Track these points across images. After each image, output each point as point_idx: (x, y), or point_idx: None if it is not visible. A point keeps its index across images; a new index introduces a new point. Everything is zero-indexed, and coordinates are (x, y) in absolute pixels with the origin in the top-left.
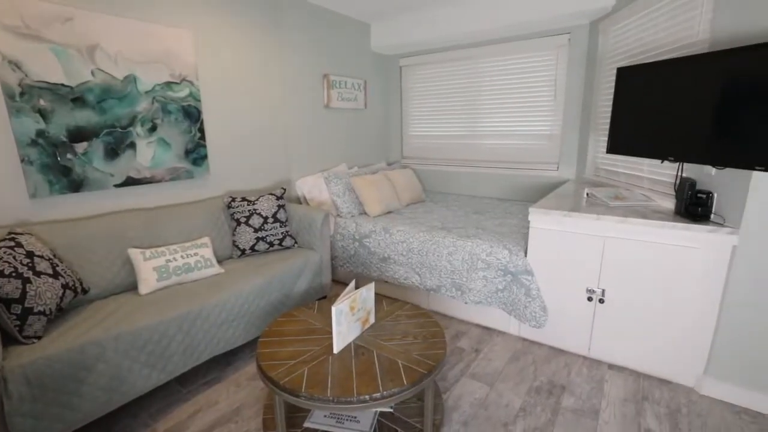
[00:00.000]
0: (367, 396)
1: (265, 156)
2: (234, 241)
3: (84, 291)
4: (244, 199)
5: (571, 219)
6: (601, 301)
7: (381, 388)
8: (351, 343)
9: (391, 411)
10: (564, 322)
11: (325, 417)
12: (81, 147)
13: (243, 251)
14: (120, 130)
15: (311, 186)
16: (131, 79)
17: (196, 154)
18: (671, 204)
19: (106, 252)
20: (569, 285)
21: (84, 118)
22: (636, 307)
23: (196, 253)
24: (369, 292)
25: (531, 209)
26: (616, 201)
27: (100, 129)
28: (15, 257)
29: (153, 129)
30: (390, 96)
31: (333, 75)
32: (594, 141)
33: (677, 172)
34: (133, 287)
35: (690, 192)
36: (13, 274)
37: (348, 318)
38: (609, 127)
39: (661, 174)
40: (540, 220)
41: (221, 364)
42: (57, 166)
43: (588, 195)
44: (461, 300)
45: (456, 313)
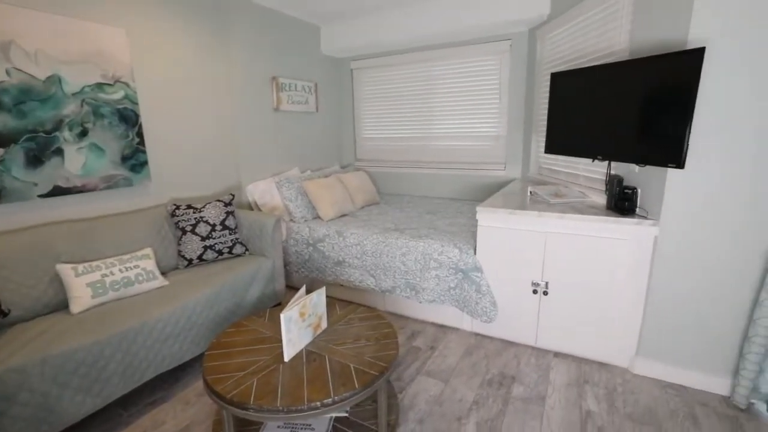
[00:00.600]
0: (319, 402)
1: (212, 161)
2: (180, 251)
3: (3, 314)
4: (189, 207)
5: (516, 216)
6: (545, 294)
7: (332, 393)
8: (303, 350)
9: (347, 415)
10: (513, 315)
11: (279, 428)
12: None
13: (190, 261)
14: (44, 135)
15: (263, 191)
16: (55, 80)
17: (134, 160)
18: (604, 200)
19: (29, 269)
20: (516, 279)
21: None
22: (576, 297)
23: (136, 266)
24: (320, 296)
25: (478, 208)
26: (556, 198)
27: (18, 134)
28: None
29: (83, 134)
30: (342, 99)
31: (282, 78)
32: (536, 141)
33: (607, 170)
34: (64, 306)
35: (618, 188)
36: None
37: (298, 324)
38: (546, 129)
39: (595, 172)
40: (487, 218)
41: (168, 381)
42: None
43: (531, 193)
44: (416, 300)
45: (412, 313)
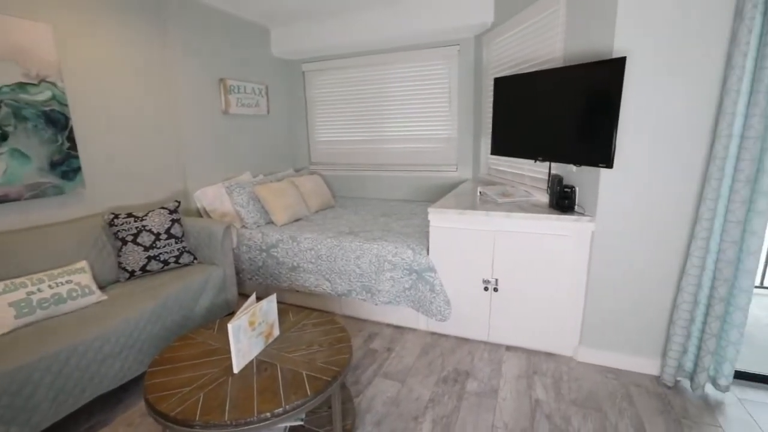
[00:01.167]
0: (269, 413)
1: (155, 167)
2: (120, 263)
3: None
4: (130, 216)
5: (465, 216)
6: (496, 290)
7: (284, 402)
8: (254, 360)
9: (302, 423)
10: (466, 312)
11: None
12: None
13: (132, 273)
14: None
15: (212, 197)
16: None
17: (65, 166)
18: (547, 198)
19: None
20: (468, 278)
21: None
22: (524, 292)
23: (69, 281)
24: (271, 303)
25: (429, 210)
26: (503, 198)
27: None
28: None
29: (3, 138)
30: (294, 101)
31: (230, 79)
32: (485, 143)
33: (548, 170)
34: None
35: (558, 187)
36: None
37: (248, 334)
38: (492, 131)
39: (538, 172)
40: (438, 219)
41: (109, 403)
42: None
43: (481, 193)
44: (372, 302)
45: (368, 316)
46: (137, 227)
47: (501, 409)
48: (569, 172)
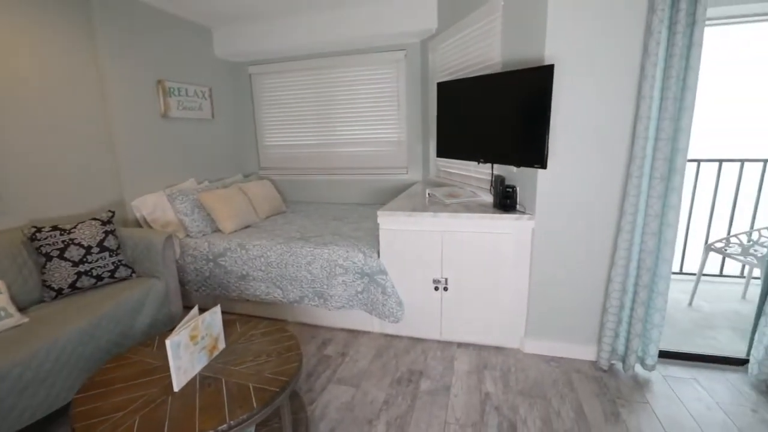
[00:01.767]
0: (212, 431)
1: (85, 175)
2: (44, 281)
3: None
4: (55, 229)
5: (414, 218)
6: (446, 289)
7: (228, 418)
8: (196, 376)
9: None
10: (418, 313)
11: None
12: None
13: (59, 292)
14: None
15: (153, 206)
16: None
17: None
18: (491, 198)
19: None
20: (419, 278)
21: None
22: (472, 290)
23: None
24: (215, 315)
25: (379, 212)
26: (451, 198)
27: None
28: None
29: None
30: (241, 105)
31: (169, 81)
32: (433, 146)
33: (491, 170)
34: None
35: (501, 187)
36: None
37: (189, 349)
38: (436, 134)
39: (483, 173)
40: (388, 221)
41: None
42: None
43: (429, 195)
44: (325, 307)
45: (322, 321)
46: (64, 241)
47: (453, 406)
48: (511, 172)
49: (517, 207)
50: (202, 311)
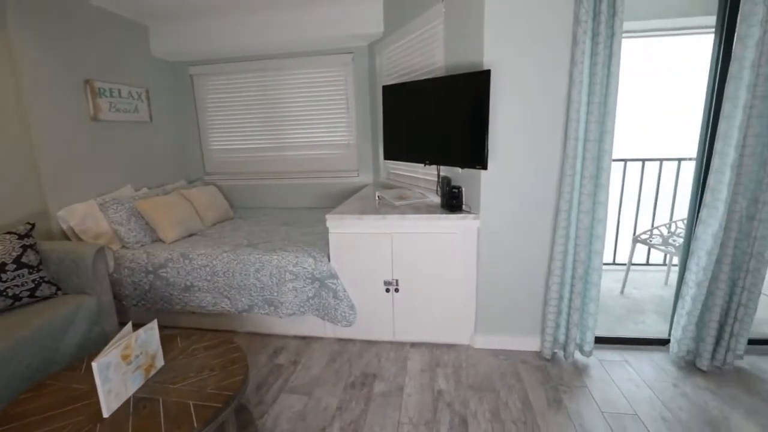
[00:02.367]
0: None
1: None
2: None
3: None
4: None
5: (363, 221)
6: (397, 291)
7: None
8: (130, 398)
9: None
10: (371, 315)
11: None
12: None
13: None
14: None
15: (82, 216)
16: None
17: None
18: (439, 199)
19: None
20: (370, 281)
21: None
22: (423, 290)
23: None
24: (151, 332)
25: (328, 216)
26: (400, 200)
27: None
28: None
29: None
30: (183, 107)
31: (99, 81)
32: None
33: (437, 172)
34: None
35: (447, 188)
36: None
37: (121, 369)
38: (383, 137)
39: (431, 174)
40: (337, 225)
41: None
42: None
43: (379, 197)
44: (275, 315)
45: (273, 330)
46: None
47: (406, 406)
48: (456, 173)
49: (463, 207)
50: (138, 327)
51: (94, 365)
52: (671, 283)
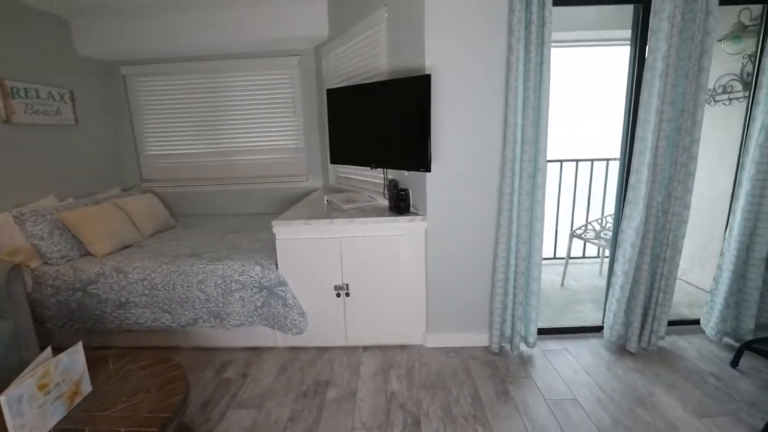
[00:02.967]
0: None
1: None
2: None
3: None
4: None
5: (310, 226)
6: (348, 295)
7: None
8: None
9: None
10: (322, 321)
11: None
12: None
13: None
14: None
15: None
16: None
17: None
18: (387, 202)
19: None
20: (320, 286)
21: None
22: (374, 293)
23: None
24: (74, 356)
25: (274, 223)
26: (348, 204)
27: None
28: None
29: None
30: (115, 109)
31: (12, 81)
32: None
33: (384, 175)
34: None
35: (394, 191)
36: None
37: (37, 401)
38: (329, 141)
39: (379, 177)
40: (284, 231)
41: None
42: None
43: (327, 201)
44: (222, 327)
45: (220, 343)
46: None
47: (360, 410)
48: (403, 176)
49: (411, 209)
50: (59, 351)
51: (2, 399)
52: (605, 274)
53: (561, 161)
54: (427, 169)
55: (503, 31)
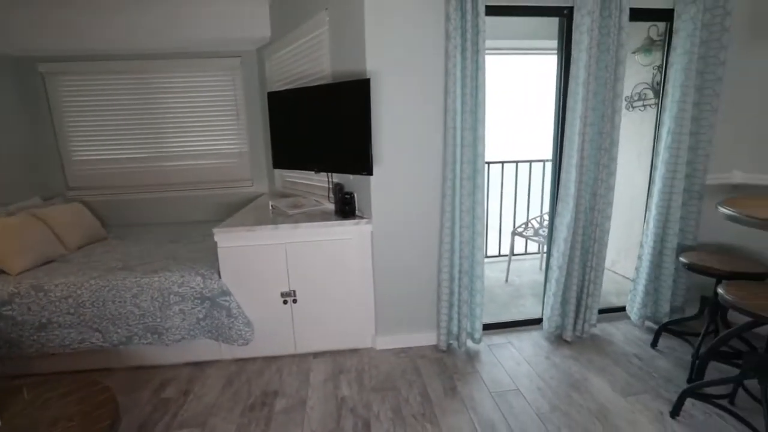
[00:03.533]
0: None
1: None
2: None
3: None
4: None
5: (254, 233)
6: (295, 301)
7: None
8: None
9: None
10: (269, 330)
11: None
12: None
13: None
14: None
15: None
16: None
17: None
18: (333, 206)
19: None
20: (266, 294)
21: None
22: (321, 298)
23: None
24: None
25: (215, 230)
26: (294, 209)
27: None
28: None
29: None
30: (32, 111)
31: None
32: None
33: (329, 179)
34: None
35: (340, 194)
36: None
37: None
38: (271, 145)
39: (325, 181)
40: (226, 238)
41: None
42: None
43: (272, 207)
44: (160, 343)
45: (159, 360)
46: None
47: (310, 419)
48: (348, 179)
49: (357, 213)
50: None
51: None
52: (545, 269)
53: (502, 163)
54: (369, 173)
55: (441, 38)
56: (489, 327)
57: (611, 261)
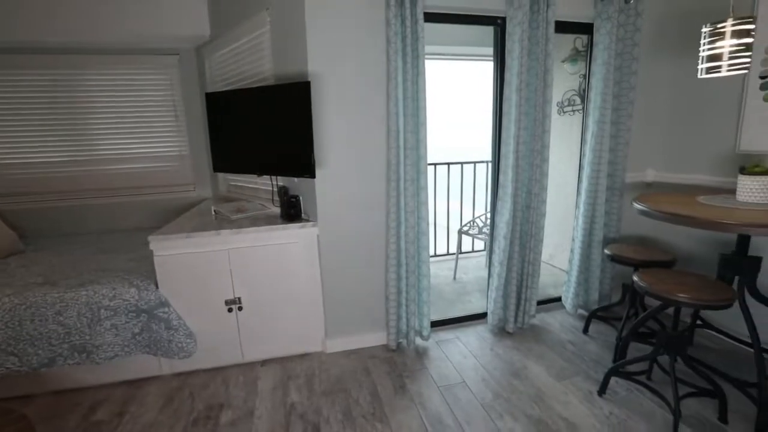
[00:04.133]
0: None
1: None
2: None
3: None
4: None
5: (194, 239)
6: (240, 309)
7: None
8: None
9: None
10: (213, 340)
11: None
12: None
13: None
14: None
15: None
16: None
17: None
18: (279, 209)
19: None
20: (209, 303)
21: None
22: (268, 304)
23: None
24: None
25: (150, 238)
26: (237, 213)
27: None
28: None
29: None
30: None
31: None
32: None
33: (274, 182)
34: None
35: (285, 197)
36: None
37: None
38: (210, 148)
39: (270, 185)
40: (163, 247)
41: None
42: None
43: (215, 212)
44: (90, 363)
45: (89, 381)
46: None
47: (257, 429)
48: (293, 182)
49: (302, 216)
50: None
51: None
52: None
53: (448, 164)
54: (312, 176)
55: (383, 42)
56: (437, 324)
57: (549, 255)
